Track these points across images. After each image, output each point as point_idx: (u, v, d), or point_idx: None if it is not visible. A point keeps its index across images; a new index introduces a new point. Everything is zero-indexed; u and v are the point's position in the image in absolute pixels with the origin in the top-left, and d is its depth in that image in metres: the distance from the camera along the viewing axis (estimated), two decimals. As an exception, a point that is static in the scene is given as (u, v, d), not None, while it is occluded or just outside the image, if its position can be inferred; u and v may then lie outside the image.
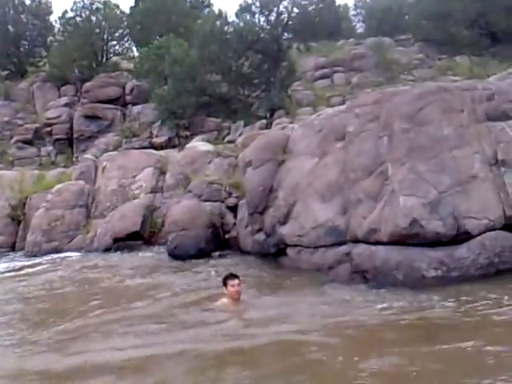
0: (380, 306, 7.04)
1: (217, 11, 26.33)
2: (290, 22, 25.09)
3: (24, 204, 16.31)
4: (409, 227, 7.96)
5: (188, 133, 24.06)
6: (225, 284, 7.54)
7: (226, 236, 12.72)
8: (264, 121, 22.69)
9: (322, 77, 29.03)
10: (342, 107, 10.71)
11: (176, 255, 12.04)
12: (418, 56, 29.98)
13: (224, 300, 7.51)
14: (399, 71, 27.97)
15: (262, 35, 24.87)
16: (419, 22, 31.47)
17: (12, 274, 11.75)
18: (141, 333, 6.65)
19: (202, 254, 11.93)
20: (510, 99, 8.83)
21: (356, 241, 8.62)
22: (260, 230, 10.78)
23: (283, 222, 9.97)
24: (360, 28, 40.61)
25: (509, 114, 8.69)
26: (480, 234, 7.83)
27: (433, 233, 7.89)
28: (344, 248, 8.84)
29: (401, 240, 8.07)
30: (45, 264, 12.59)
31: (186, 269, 10.68)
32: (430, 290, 7.47)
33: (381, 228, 8.28)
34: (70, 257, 13.41)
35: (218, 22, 25.04)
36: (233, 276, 7.61)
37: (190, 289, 8.90)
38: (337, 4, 32.53)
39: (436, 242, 7.90)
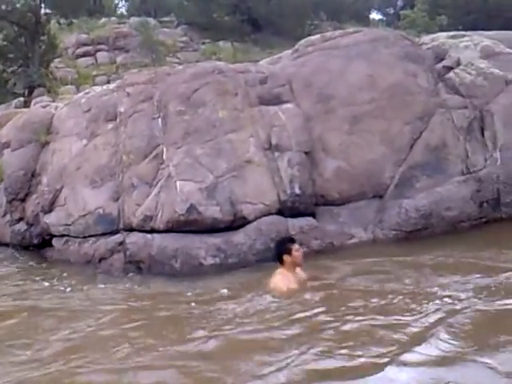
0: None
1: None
2: (49, -5, 23.42)
3: None
4: (186, 213, 7.64)
5: None
6: (287, 250, 6.25)
7: (-20, 226, 11.28)
8: (22, 99, 20.85)
9: (85, 55, 27.71)
10: (112, 86, 10.00)
11: None
12: (183, 39, 30.06)
13: (283, 271, 6.22)
14: (164, 53, 27.71)
15: (18, 5, 22.79)
16: (182, 4, 31.51)
17: None
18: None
19: (-50, 248, 10.44)
20: (282, 83, 8.91)
21: (130, 229, 8.07)
22: (21, 219, 9.64)
23: (48, 210, 9.00)
24: (122, 7, 39.74)
25: (281, 97, 8.76)
26: (256, 218, 7.80)
27: (210, 219, 7.68)
28: (117, 237, 8.19)
29: (178, 227, 7.73)
30: None
31: None
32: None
33: (157, 215, 7.86)
34: None
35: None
36: (292, 240, 6.47)
37: None
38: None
39: (214, 228, 7.71)
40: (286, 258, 6.29)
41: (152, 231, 7.87)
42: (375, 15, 38.65)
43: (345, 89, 8.88)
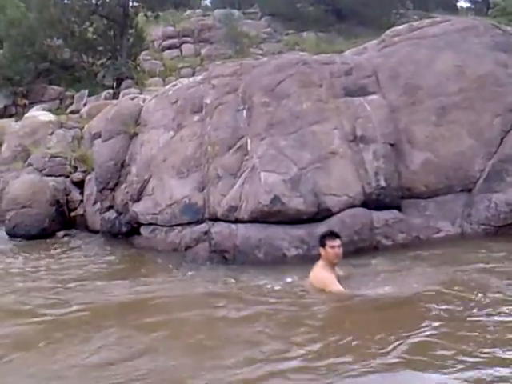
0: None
1: (58, -29, 24.40)
2: (137, -12, 24.03)
3: None
4: (270, 204, 7.70)
5: (27, 101, 22.18)
6: (322, 244, 6.13)
7: (72, 214, 11.81)
8: (111, 90, 21.53)
9: (171, 47, 28.21)
10: (199, 78, 10.19)
11: (15, 235, 11.04)
12: (266, 30, 30.10)
13: (322, 263, 6.09)
14: (248, 44, 27.89)
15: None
16: (266, -5, 31.56)
17: None
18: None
19: (46, 233, 11.00)
20: (368, 74, 8.79)
21: (215, 219, 8.22)
22: (110, 207, 10.06)
23: (137, 200, 9.32)
24: (207, -2, 40.23)
25: (366, 89, 8.66)
26: (340, 211, 7.77)
27: (294, 210, 7.71)
28: (202, 227, 8.40)
29: (262, 218, 7.80)
30: None
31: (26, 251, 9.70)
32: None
33: (241, 205, 7.96)
34: None
35: (59, -17, 23.31)
36: (334, 235, 6.22)
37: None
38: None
39: (297, 219, 7.73)
40: (320, 250, 6.17)
41: (236, 221, 7.98)
42: (463, 3, 37.51)
43: (432, 80, 8.68)
